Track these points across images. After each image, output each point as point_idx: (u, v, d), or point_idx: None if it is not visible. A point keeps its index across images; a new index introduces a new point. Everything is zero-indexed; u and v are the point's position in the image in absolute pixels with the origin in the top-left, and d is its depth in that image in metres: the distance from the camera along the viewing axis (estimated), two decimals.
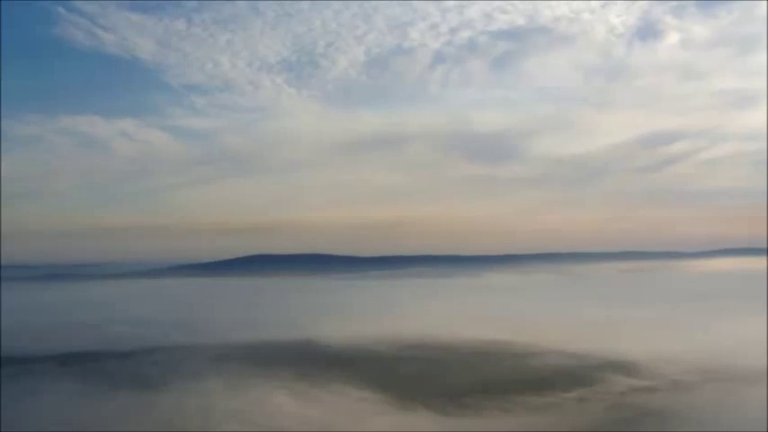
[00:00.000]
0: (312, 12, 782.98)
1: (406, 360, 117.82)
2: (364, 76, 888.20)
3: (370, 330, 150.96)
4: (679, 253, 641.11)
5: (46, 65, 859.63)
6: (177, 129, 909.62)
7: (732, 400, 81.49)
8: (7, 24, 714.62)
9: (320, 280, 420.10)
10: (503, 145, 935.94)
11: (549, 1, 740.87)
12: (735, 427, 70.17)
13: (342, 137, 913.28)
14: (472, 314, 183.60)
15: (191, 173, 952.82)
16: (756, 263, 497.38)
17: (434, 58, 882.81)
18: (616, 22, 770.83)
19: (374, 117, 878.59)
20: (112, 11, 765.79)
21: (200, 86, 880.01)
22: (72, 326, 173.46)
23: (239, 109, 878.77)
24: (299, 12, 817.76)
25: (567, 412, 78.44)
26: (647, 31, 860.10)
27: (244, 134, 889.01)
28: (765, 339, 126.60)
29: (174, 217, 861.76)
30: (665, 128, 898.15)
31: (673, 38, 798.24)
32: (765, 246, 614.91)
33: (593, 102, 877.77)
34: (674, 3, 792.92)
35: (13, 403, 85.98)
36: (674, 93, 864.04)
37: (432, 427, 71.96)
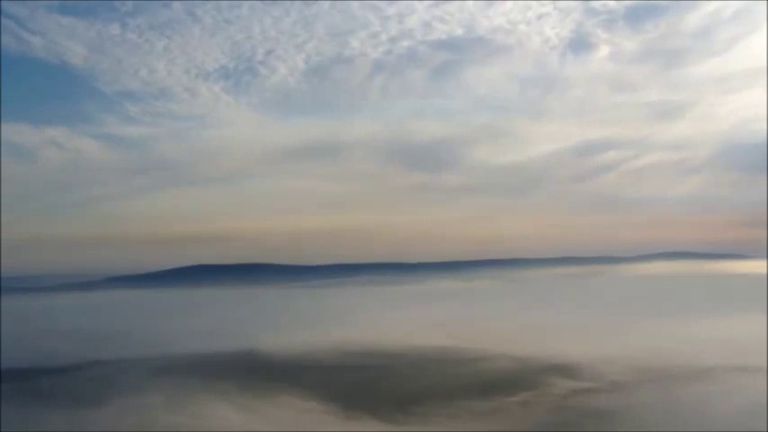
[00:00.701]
0: (251, 18, 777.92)
1: (351, 369, 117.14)
2: (304, 84, 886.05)
3: (314, 340, 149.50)
4: (613, 257, 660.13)
5: None
6: (110, 137, 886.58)
7: (668, 398, 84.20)
8: None
9: (262, 289, 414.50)
10: (442, 154, 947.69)
11: (487, 12, 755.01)
12: (672, 424, 72.48)
13: (281, 145, 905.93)
14: (417, 321, 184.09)
15: (125, 182, 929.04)
16: (684, 266, 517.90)
17: (374, 66, 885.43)
18: (551, 34, 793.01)
19: (314, 126, 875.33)
20: (41, 13, 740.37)
21: (134, 93, 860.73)
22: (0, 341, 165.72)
23: (175, 117, 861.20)
24: (237, 18, 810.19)
25: (511, 416, 79.45)
26: (580, 44, 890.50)
27: (180, 143, 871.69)
28: (698, 337, 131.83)
29: (110, 228, 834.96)
30: (596, 138, 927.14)
31: (603, 51, 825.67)
32: (692, 249, 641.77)
33: (528, 112, 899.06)
34: (605, 17, 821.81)
35: None
36: (604, 104, 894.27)
37: None
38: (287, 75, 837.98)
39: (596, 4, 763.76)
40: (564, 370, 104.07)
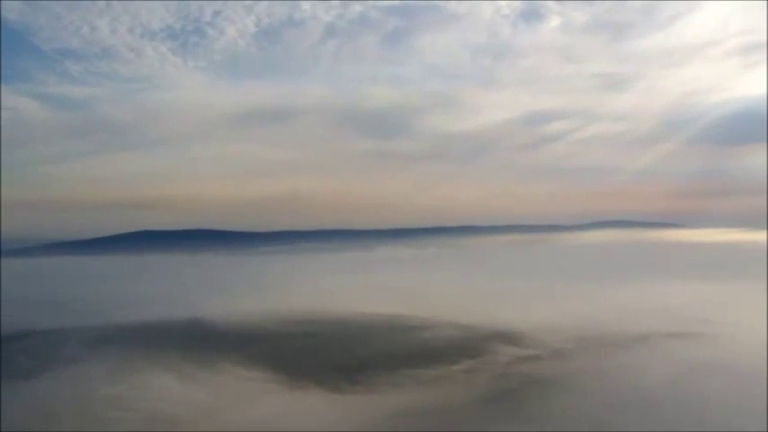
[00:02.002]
0: None
1: (297, 337, 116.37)
2: (254, 47, 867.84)
3: (261, 307, 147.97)
4: (558, 226, 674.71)
5: None
6: (50, 97, 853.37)
7: (607, 365, 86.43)
8: None
9: (209, 256, 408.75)
10: (394, 120, 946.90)
11: None
12: (611, 387, 74.49)
13: (230, 109, 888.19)
14: (364, 289, 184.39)
15: (67, 144, 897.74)
16: (624, 235, 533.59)
17: (326, 30, 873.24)
18: (502, 3, 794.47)
19: (264, 90, 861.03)
20: None
21: (75, 52, 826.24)
22: None
23: (120, 78, 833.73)
24: None
25: (456, 384, 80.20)
26: (531, 14, 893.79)
27: (125, 104, 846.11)
28: (636, 304, 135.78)
29: (50, 191, 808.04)
30: (545, 107, 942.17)
31: (554, 21, 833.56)
32: (632, 218, 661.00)
33: (479, 80, 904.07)
34: None
35: None
36: (553, 74, 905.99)
37: (322, 406, 71.17)
38: (236, 37, 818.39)
39: None
40: (508, 337, 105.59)
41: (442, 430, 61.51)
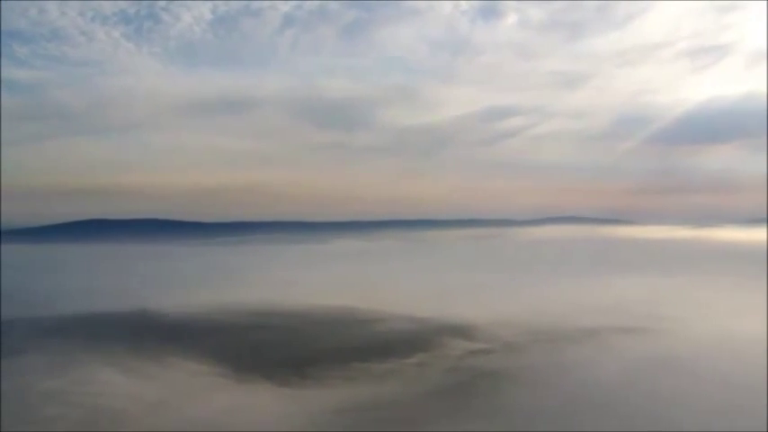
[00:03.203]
0: None
1: (249, 330, 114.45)
2: (210, 34, 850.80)
3: (212, 299, 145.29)
4: (512, 221, 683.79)
5: None
6: None
7: (559, 359, 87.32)
8: None
9: (161, 247, 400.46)
10: (352, 113, 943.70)
11: None
12: (561, 381, 75.13)
13: (185, 98, 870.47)
14: (320, 281, 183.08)
15: (13, 129, 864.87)
16: (576, 230, 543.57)
17: (284, 21, 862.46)
18: None
19: (221, 79, 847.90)
20: None
21: (22, 33, 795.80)
22: None
23: (70, 62, 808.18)
24: None
25: (407, 378, 79.76)
26: (489, 11, 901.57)
27: (76, 89, 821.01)
28: (586, 299, 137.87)
29: None
30: (501, 103, 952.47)
31: (512, 18, 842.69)
32: (584, 215, 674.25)
33: (438, 75, 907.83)
34: None
35: None
36: (510, 70, 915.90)
37: (270, 401, 69.81)
38: (192, 23, 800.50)
39: None
40: (461, 331, 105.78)
41: (392, 424, 60.66)
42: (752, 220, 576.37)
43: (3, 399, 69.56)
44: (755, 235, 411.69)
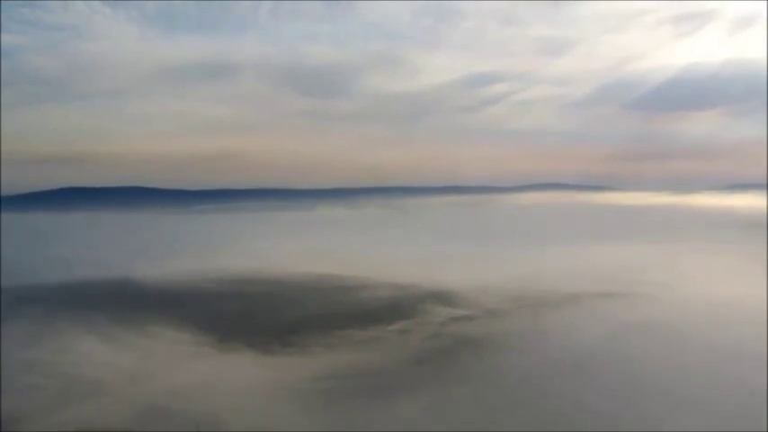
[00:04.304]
0: None
1: (230, 298, 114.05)
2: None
3: (193, 268, 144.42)
4: (495, 188, 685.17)
5: None
6: None
7: (541, 324, 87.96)
8: None
9: (141, 215, 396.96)
10: (334, 80, 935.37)
11: None
12: (543, 346, 75.63)
13: (165, 64, 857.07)
14: (300, 249, 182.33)
15: None
16: (558, 197, 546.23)
17: None
18: None
19: (201, 45, 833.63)
20: None
21: None
22: None
23: (45, 26, 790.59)
24: None
25: (389, 345, 79.80)
26: None
27: (51, 55, 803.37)
28: (568, 265, 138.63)
29: None
30: (485, 70, 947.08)
31: None
32: (566, 181, 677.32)
33: (421, 41, 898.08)
34: None
35: None
36: (494, 37, 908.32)
37: (252, 369, 69.56)
38: None
39: None
40: (443, 298, 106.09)
41: (373, 392, 60.62)
42: (732, 186, 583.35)
43: None
44: (735, 201, 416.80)
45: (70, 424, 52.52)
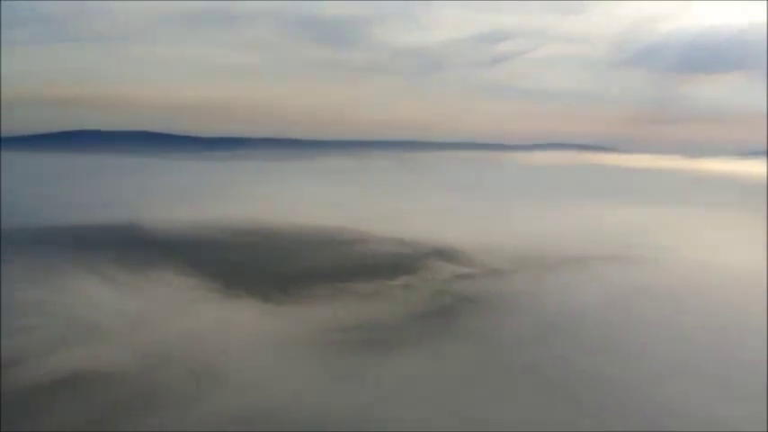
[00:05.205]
0: None
1: (236, 246, 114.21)
2: None
3: (200, 215, 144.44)
4: (506, 145, 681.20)
5: None
6: None
7: (544, 285, 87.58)
8: None
9: (150, 159, 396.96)
10: (346, 31, 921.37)
11: None
12: (545, 308, 75.43)
13: (177, 8, 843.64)
14: (308, 200, 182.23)
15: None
16: (569, 157, 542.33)
17: None
18: None
19: None
20: None
21: None
22: None
23: None
24: None
25: (392, 299, 79.80)
26: None
27: None
28: (575, 226, 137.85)
29: None
30: (499, 26, 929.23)
31: None
32: (577, 141, 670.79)
33: None
34: None
35: None
36: None
37: (254, 317, 69.76)
38: None
39: None
40: (448, 255, 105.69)
41: (373, 345, 60.69)
42: (747, 153, 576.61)
43: None
44: (750, 167, 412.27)
45: (68, 367, 52.71)
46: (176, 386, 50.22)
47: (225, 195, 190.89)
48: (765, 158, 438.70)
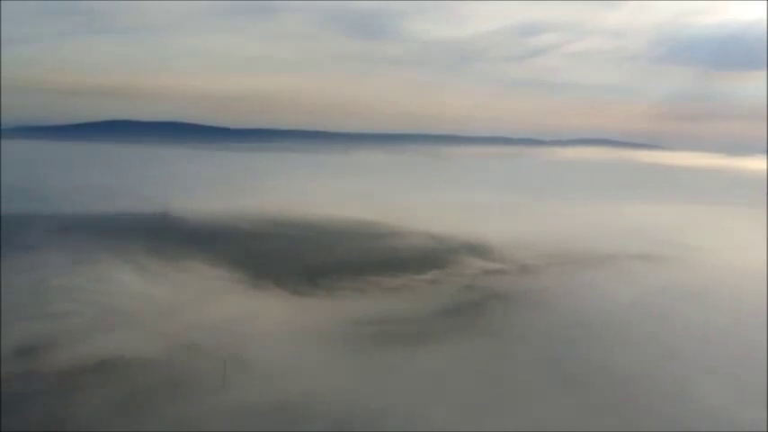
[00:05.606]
0: None
1: (266, 237, 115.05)
2: None
3: (232, 205, 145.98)
4: (540, 141, 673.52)
5: None
6: None
7: (573, 283, 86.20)
8: None
9: (185, 150, 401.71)
10: (380, 23, 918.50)
11: None
12: (573, 305, 74.23)
13: (211, 1, 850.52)
14: (338, 192, 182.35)
15: (37, 25, 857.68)
16: (604, 153, 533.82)
17: None
18: None
19: None
20: None
21: None
22: None
23: None
24: None
25: (420, 294, 79.65)
26: None
27: None
28: (607, 224, 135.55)
29: (21, 73, 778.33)
30: (535, 19, 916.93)
31: None
32: (613, 137, 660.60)
33: None
34: None
35: None
36: None
37: (281, 308, 70.02)
38: None
39: None
40: (477, 250, 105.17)
41: (399, 339, 60.34)
42: None
43: (21, 292, 70.81)
44: None
45: (99, 352, 53.58)
46: (203, 374, 50.66)
47: (255, 186, 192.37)
48: None
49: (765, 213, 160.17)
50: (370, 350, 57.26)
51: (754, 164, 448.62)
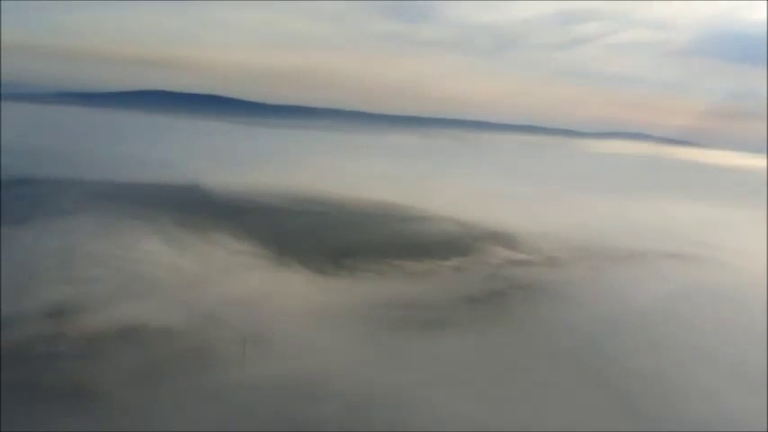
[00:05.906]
0: None
1: (293, 215, 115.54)
2: None
3: (262, 181, 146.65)
4: (576, 132, 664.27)
5: None
6: None
7: (600, 278, 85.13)
8: None
9: (220, 123, 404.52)
10: (421, 5, 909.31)
11: None
12: (598, 300, 73.35)
13: None
14: (369, 173, 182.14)
15: None
16: (641, 148, 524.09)
17: None
18: None
19: None
20: None
21: None
22: None
23: None
24: None
25: (442, 280, 79.32)
26: None
27: None
28: (640, 220, 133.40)
29: (64, 40, 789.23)
30: (578, 7, 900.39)
31: None
32: (652, 132, 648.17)
33: None
34: None
35: None
36: None
37: (303, 287, 70.49)
38: None
39: None
40: (504, 239, 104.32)
41: (418, 324, 60.35)
42: None
43: (52, 256, 72.39)
44: None
45: (124, 319, 54.66)
46: (223, 347, 51.35)
47: (287, 163, 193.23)
48: None
49: None
50: (389, 333, 57.40)
51: None
